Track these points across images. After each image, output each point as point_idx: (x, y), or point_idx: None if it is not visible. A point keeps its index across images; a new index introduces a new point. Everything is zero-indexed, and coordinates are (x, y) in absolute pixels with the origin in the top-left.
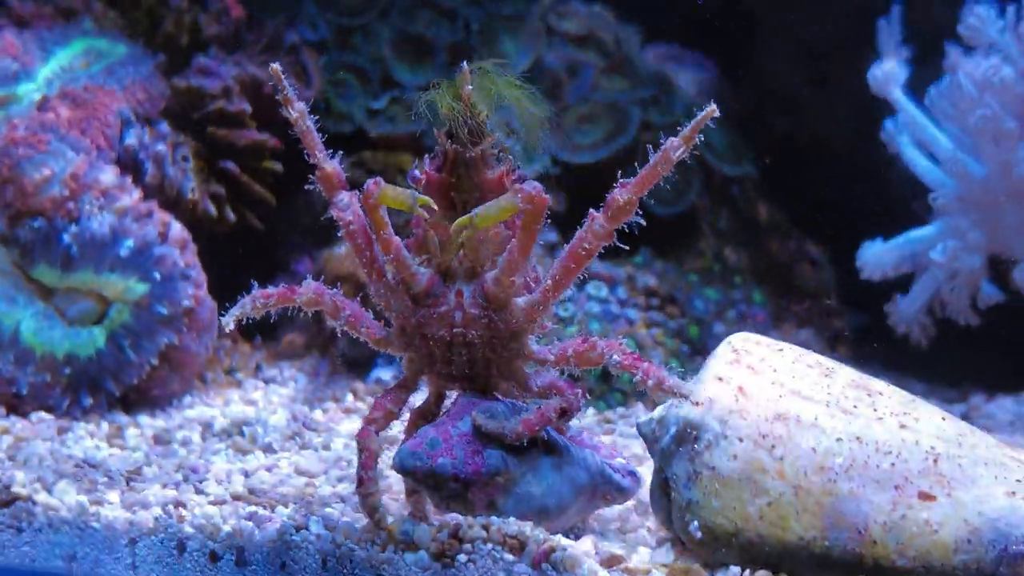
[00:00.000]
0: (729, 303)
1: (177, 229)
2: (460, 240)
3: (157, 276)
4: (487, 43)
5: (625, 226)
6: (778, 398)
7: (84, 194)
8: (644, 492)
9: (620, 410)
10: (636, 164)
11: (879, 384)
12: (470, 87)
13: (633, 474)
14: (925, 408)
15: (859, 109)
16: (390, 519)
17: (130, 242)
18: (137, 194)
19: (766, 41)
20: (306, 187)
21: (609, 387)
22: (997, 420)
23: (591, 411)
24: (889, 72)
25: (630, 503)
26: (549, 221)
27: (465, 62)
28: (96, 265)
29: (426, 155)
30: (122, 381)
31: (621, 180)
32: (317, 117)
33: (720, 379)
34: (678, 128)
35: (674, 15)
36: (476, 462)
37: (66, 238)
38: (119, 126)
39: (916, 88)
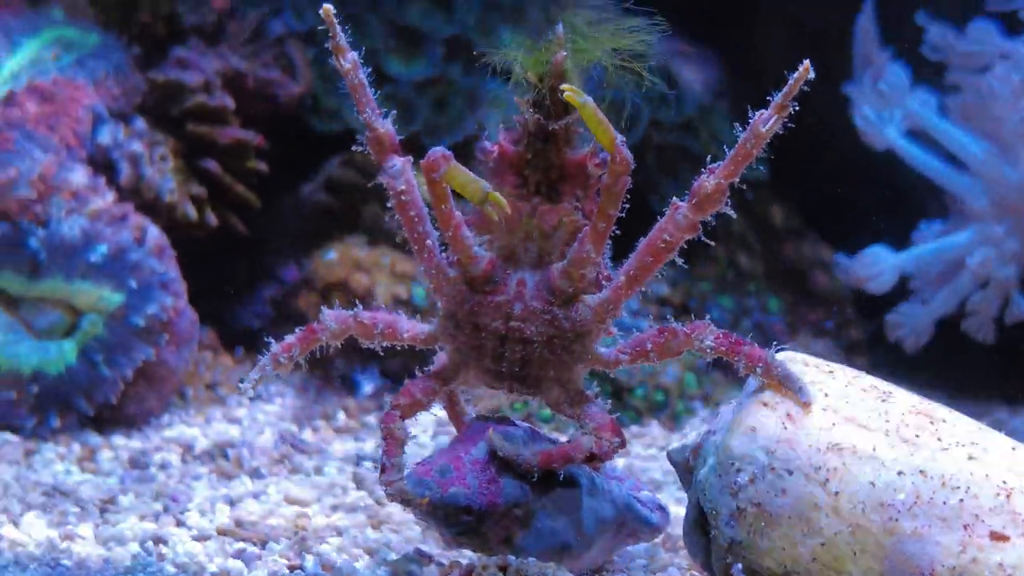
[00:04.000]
0: (744, 312)
1: (155, 233)
2: (531, 222)
3: (133, 284)
4: (485, 36)
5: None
6: (831, 426)
7: (53, 196)
8: (671, 525)
9: (634, 428)
10: (645, 161)
11: (943, 411)
12: (564, 53)
13: (662, 508)
14: (993, 437)
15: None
16: (392, 556)
17: (103, 248)
18: (111, 196)
19: (768, 30)
20: (355, 148)
21: (623, 405)
22: None
23: None
24: (893, 83)
25: (657, 538)
26: None
27: (560, 23)
28: (66, 272)
29: (501, 124)
30: (94, 399)
31: (709, 165)
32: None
33: (765, 404)
34: (688, 127)
35: (677, 6)
36: (492, 492)
37: (34, 243)
38: (91, 123)
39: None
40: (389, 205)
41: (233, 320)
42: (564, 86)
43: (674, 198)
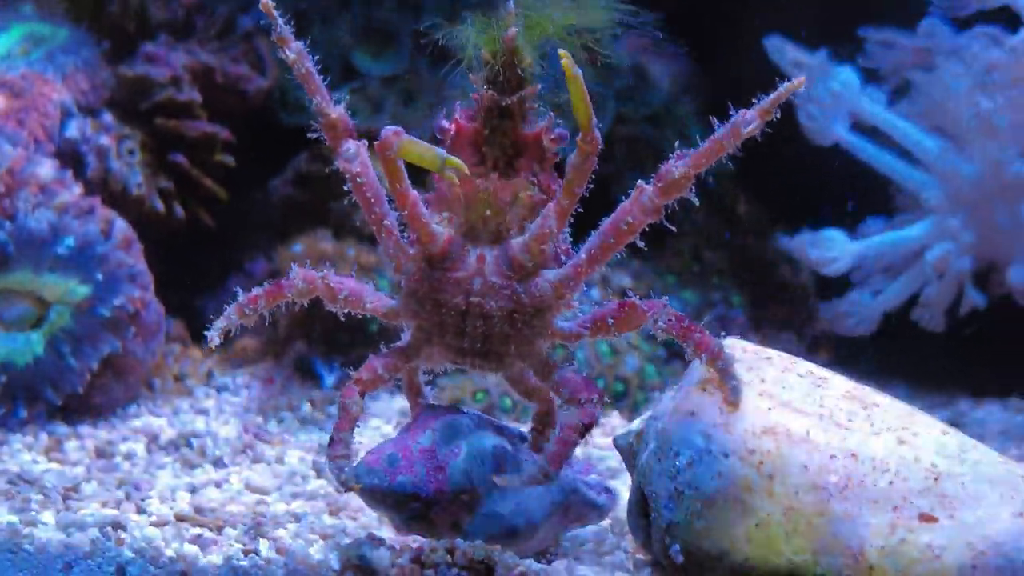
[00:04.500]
0: (707, 305)
1: (121, 226)
2: (489, 198)
3: (100, 277)
4: (452, 31)
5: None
6: (767, 411)
7: (21, 189)
8: (620, 509)
9: None
10: (612, 153)
11: (876, 395)
12: (515, 28)
13: (608, 491)
14: (925, 421)
15: None
16: (347, 541)
17: (70, 240)
18: (78, 189)
19: (743, 28)
20: (310, 135)
21: None
22: (988, 428)
23: None
24: (845, 83)
25: (605, 522)
26: None
27: (512, 1)
28: (34, 265)
29: (457, 102)
30: (62, 390)
31: (678, 151)
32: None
33: (704, 390)
34: (654, 121)
35: (651, 2)
36: (438, 479)
37: (1, 236)
38: (59, 117)
39: None
40: (347, 188)
41: (203, 312)
42: (561, 52)
43: (640, 180)
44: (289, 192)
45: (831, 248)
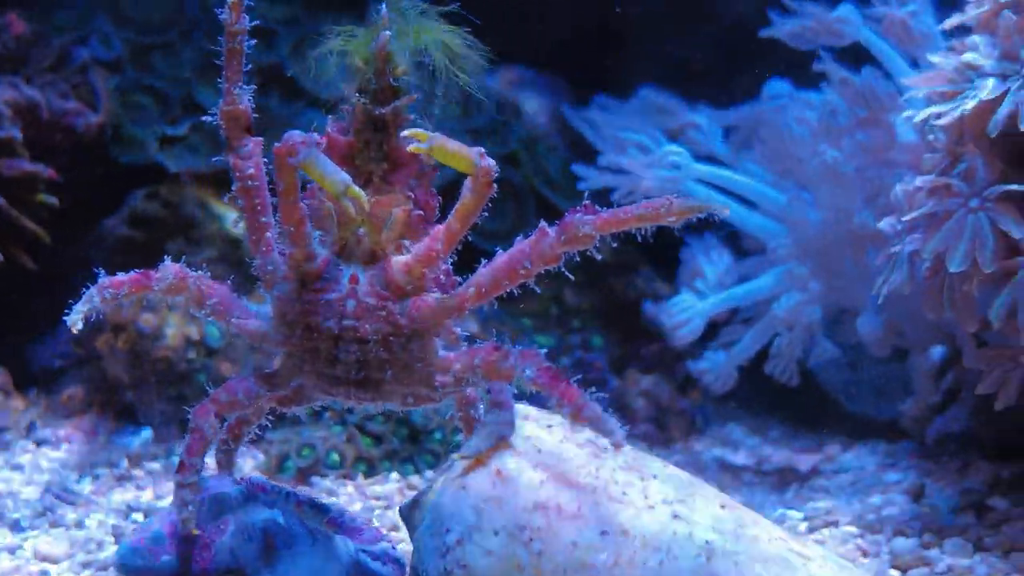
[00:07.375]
0: (565, 349)
1: None
2: (360, 215)
3: None
4: (303, 64)
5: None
6: (539, 484)
7: None
8: None
9: (429, 474)
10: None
11: (655, 466)
12: (388, 32)
13: (397, 561)
14: (704, 495)
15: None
16: None
17: None
18: None
19: (635, 63)
20: (205, 119)
21: (418, 448)
22: (838, 481)
23: (395, 476)
24: (678, 160)
25: None
26: None
27: (384, 5)
28: None
29: (329, 115)
30: None
31: (586, 202)
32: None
33: (477, 461)
34: (513, 160)
35: (534, 36)
36: (203, 558)
37: None
38: None
39: None
40: (233, 189)
41: (32, 360)
42: (414, 132)
43: (542, 222)
44: (123, 232)
45: (681, 312)
